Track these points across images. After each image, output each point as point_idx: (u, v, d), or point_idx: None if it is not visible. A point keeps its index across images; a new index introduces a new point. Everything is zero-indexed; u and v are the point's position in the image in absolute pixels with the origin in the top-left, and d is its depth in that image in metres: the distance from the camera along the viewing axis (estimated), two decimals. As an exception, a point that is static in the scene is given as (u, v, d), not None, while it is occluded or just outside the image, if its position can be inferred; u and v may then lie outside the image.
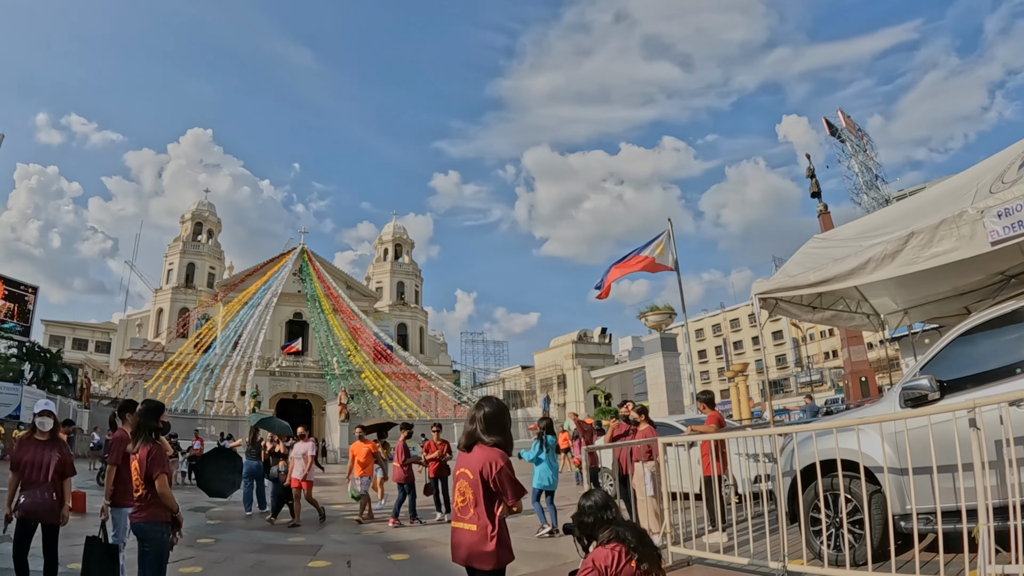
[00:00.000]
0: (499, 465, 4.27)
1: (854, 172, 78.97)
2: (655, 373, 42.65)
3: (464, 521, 4.32)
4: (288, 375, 65.45)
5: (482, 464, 4.28)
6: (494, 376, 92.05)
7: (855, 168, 79.14)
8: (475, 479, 4.29)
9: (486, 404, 4.63)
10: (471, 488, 4.31)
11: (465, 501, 4.33)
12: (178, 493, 6.62)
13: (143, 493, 6.01)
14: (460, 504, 4.37)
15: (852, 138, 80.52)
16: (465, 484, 4.36)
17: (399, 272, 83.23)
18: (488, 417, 4.52)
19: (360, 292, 76.94)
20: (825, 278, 7.71)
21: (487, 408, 4.58)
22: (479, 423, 4.50)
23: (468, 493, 4.32)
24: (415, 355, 72.59)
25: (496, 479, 4.22)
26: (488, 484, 4.25)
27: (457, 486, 4.43)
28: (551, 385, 67.11)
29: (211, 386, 57.31)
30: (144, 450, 6.07)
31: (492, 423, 4.50)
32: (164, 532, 6.01)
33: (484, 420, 4.50)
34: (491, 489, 4.26)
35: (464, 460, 4.48)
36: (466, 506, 4.32)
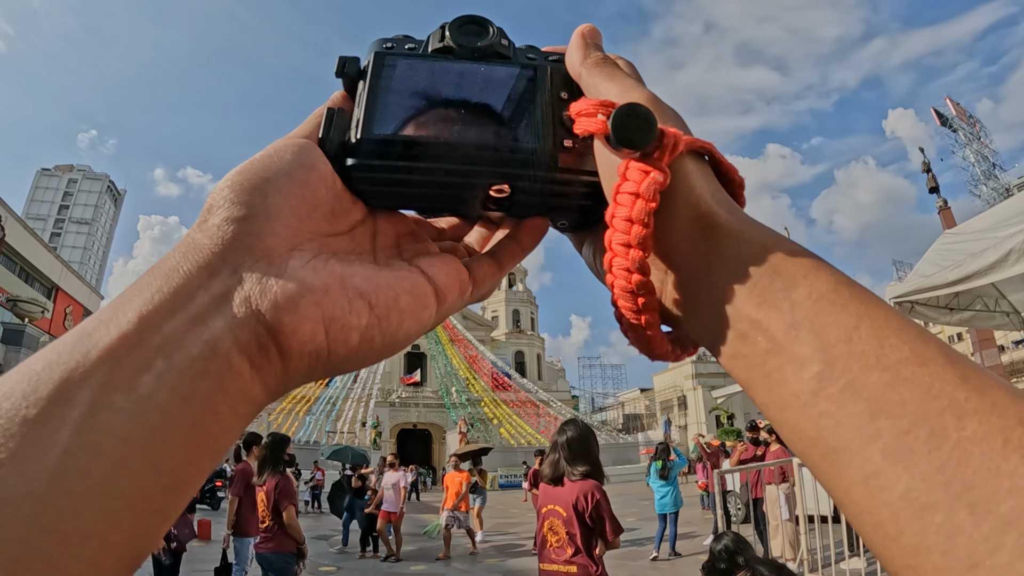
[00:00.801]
0: (595, 498, 3.89)
1: (969, 162, 74.60)
2: (779, 391, 41.37)
3: (560, 563, 3.95)
4: (408, 405, 66.19)
5: (576, 498, 3.89)
6: (613, 400, 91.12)
7: (970, 158, 74.73)
8: (569, 515, 3.89)
9: (569, 428, 4.22)
10: (565, 526, 3.92)
11: (560, 541, 3.95)
12: (302, 520, 6.59)
13: (270, 524, 6.11)
14: (554, 544, 3.99)
15: (964, 126, 75.94)
16: (557, 522, 3.97)
17: (514, 300, 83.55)
18: (572, 443, 4.10)
19: (476, 322, 77.48)
20: (965, 275, 7.14)
21: (570, 433, 4.16)
22: (563, 451, 4.10)
23: (562, 531, 3.94)
24: (533, 382, 72.34)
25: (593, 514, 3.85)
26: (585, 520, 3.86)
27: (547, 524, 4.04)
28: (671, 407, 65.88)
29: (332, 418, 58.40)
30: (271, 482, 6.17)
31: (577, 451, 4.09)
32: (290, 563, 6.11)
33: (568, 447, 4.09)
34: (588, 525, 3.88)
35: (552, 495, 4.08)
36: (561, 546, 3.94)
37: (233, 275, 0.39)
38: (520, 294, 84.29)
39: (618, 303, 0.49)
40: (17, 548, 0.26)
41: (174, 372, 0.35)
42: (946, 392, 0.31)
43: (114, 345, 0.34)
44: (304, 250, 0.44)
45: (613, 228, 0.47)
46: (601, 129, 0.48)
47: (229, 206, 0.42)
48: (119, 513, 0.31)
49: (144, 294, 0.36)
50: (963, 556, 0.27)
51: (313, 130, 0.51)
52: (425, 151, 0.51)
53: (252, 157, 0.46)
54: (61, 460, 0.30)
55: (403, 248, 0.53)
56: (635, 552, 12.90)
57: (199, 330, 0.37)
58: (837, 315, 0.37)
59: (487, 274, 0.55)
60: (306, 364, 0.42)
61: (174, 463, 0.33)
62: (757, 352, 0.40)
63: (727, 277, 0.43)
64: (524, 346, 80.00)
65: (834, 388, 0.35)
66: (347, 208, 0.50)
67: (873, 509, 0.32)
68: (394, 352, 0.47)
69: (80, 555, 0.28)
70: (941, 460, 0.29)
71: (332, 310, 0.42)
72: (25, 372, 0.31)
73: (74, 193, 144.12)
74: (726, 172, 0.51)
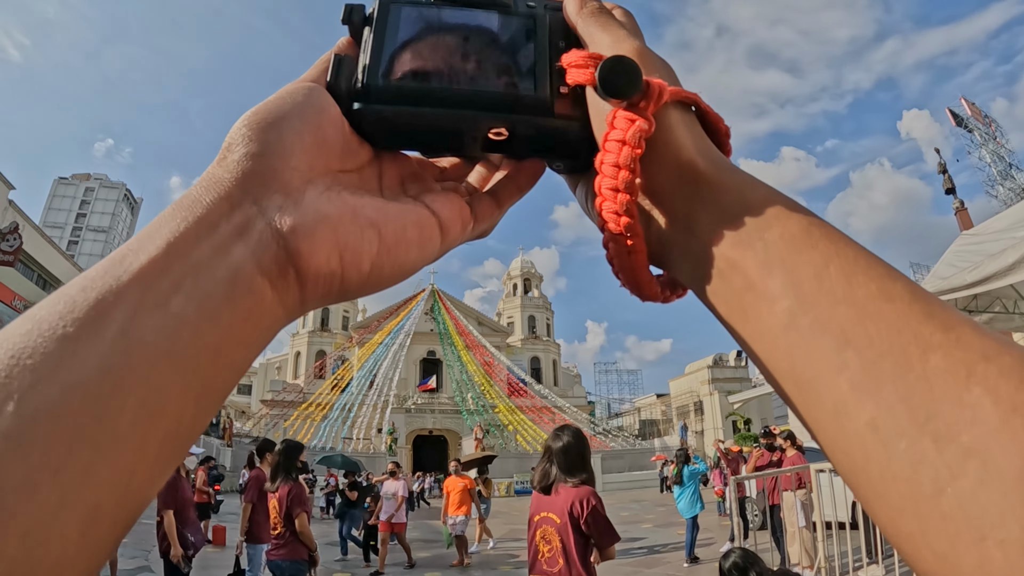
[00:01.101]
0: (591, 504, 3.74)
1: (986, 163, 72.74)
2: (796, 396, 41.05)
3: (553, 573, 3.78)
4: (423, 412, 66.24)
5: (570, 504, 3.74)
6: (629, 406, 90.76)
7: (986, 158, 73.10)
8: (563, 523, 3.74)
9: (564, 435, 4.06)
10: (558, 534, 3.77)
11: (552, 550, 3.79)
12: (315, 527, 6.56)
13: (282, 531, 6.09)
14: (546, 554, 3.84)
15: (980, 126, 74.52)
16: (551, 530, 3.82)
17: (529, 306, 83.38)
18: (569, 450, 3.96)
19: (492, 328, 77.49)
20: (984, 276, 7.02)
21: (566, 439, 4.00)
22: (557, 458, 3.95)
23: (555, 540, 3.79)
24: (549, 388, 72.23)
25: (590, 521, 3.70)
26: (580, 528, 3.71)
27: (539, 533, 3.90)
28: (688, 412, 65.44)
29: (349, 424, 58.54)
30: (284, 489, 6.17)
31: (574, 459, 3.95)
32: (302, 570, 6.07)
33: (565, 454, 3.94)
34: (583, 533, 3.72)
35: (544, 502, 3.94)
36: (554, 556, 3.78)
37: (253, 205, 0.42)
38: (536, 300, 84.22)
39: (608, 245, 0.52)
40: (58, 452, 0.28)
41: (201, 293, 0.37)
42: (911, 327, 0.32)
43: (145, 269, 0.37)
44: (318, 183, 0.47)
45: (602, 174, 0.49)
46: (590, 80, 0.50)
47: (247, 143, 0.44)
48: (152, 421, 0.33)
49: (170, 224, 0.39)
50: (927, 483, 0.28)
51: (320, 75, 0.53)
52: (427, 95, 0.53)
53: (266, 99, 0.49)
54: (97, 371, 0.32)
55: (408, 187, 0.56)
56: (651, 560, 12.81)
57: (224, 255, 0.39)
58: (808, 254, 0.39)
59: (487, 211, 0.58)
60: (322, 287, 0.45)
61: (202, 376, 0.35)
62: (734, 290, 0.43)
63: (706, 220, 0.46)
64: (540, 352, 79.85)
65: (804, 322, 0.36)
66: (355, 149, 0.53)
67: (842, 438, 0.33)
68: (401, 279, 0.51)
69: (115, 462, 0.30)
70: (905, 391, 0.30)
71: (346, 237, 0.45)
72: (62, 296, 0.34)
73: (91, 201, 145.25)
74: (712, 122, 0.54)
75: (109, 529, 0.30)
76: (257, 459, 8.13)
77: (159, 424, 0.33)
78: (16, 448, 0.28)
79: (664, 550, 13.09)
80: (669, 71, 0.54)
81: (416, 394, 66.92)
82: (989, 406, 0.28)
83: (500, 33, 0.57)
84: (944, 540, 0.28)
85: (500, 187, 0.61)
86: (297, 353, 74.22)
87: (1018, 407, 0.27)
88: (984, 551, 0.26)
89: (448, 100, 0.53)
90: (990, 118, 77.19)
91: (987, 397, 0.28)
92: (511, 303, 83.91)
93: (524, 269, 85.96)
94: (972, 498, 0.27)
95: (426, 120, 0.54)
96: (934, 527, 0.28)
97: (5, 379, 0.29)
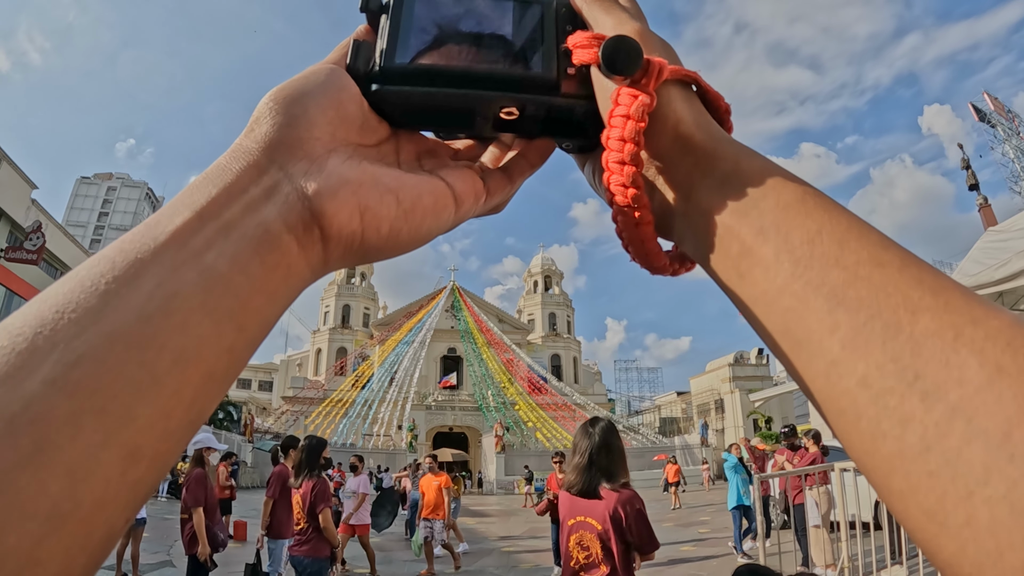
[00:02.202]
0: (636, 507, 3.50)
1: (1009, 158, 72.33)
2: (817, 394, 40.75)
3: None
4: (444, 409, 66.44)
5: (613, 508, 3.47)
6: (649, 404, 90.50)
7: (1010, 154, 72.53)
8: (606, 529, 3.46)
9: (599, 431, 3.75)
10: (598, 540, 3.49)
11: (590, 557, 3.52)
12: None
13: (305, 526, 6.11)
14: (582, 561, 3.58)
15: (1003, 121, 73.73)
16: (590, 536, 3.55)
17: (550, 303, 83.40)
18: (610, 449, 3.68)
19: (512, 325, 77.56)
20: (1013, 272, 6.93)
21: (602, 436, 3.71)
22: (597, 458, 3.65)
23: (595, 547, 3.50)
24: (569, 385, 72.23)
25: (634, 526, 3.46)
26: (623, 533, 3.46)
27: (574, 539, 3.63)
28: (708, 411, 65.13)
29: (369, 421, 58.90)
30: (308, 485, 6.20)
31: (616, 457, 3.69)
32: (324, 567, 6.07)
33: (607, 453, 3.65)
34: (625, 540, 3.46)
35: (580, 506, 3.65)
36: (593, 562, 3.50)
37: (280, 171, 0.45)
38: (556, 297, 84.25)
39: (617, 219, 0.55)
40: (102, 394, 0.30)
41: (233, 248, 0.40)
42: (900, 290, 0.33)
43: (179, 229, 0.39)
44: (340, 152, 0.49)
45: (608, 148, 0.52)
46: (594, 59, 0.53)
47: (273, 115, 0.48)
48: (189, 367, 0.35)
49: (202, 190, 0.42)
50: (915, 441, 0.29)
51: (341, 58, 0.56)
52: (441, 76, 0.55)
53: (291, 78, 0.52)
54: (137, 321, 0.34)
55: (424, 162, 0.59)
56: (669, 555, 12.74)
57: (253, 214, 0.42)
58: (802, 221, 0.42)
59: (499, 185, 0.60)
60: (343, 247, 0.48)
61: (235, 325, 0.38)
62: (731, 256, 0.46)
63: (705, 189, 0.49)
64: (560, 349, 79.81)
65: (797, 285, 0.38)
66: (374, 125, 0.55)
67: (834, 396, 0.35)
68: (418, 245, 0.53)
69: (154, 405, 0.32)
70: (895, 351, 0.31)
71: (366, 200, 0.48)
72: (102, 258, 0.36)
73: (113, 200, 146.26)
74: (713, 100, 0.57)
75: (147, 470, 0.31)
76: (282, 455, 8.22)
77: (195, 370, 0.34)
78: (60, 390, 0.30)
79: (684, 546, 13.01)
80: (670, 51, 0.57)
81: (436, 391, 67.11)
82: (975, 367, 0.29)
83: (510, 18, 0.59)
84: (932, 497, 0.28)
85: (512, 163, 0.63)
86: (318, 350, 74.61)
87: (1003, 368, 0.28)
88: (971, 508, 0.27)
89: (460, 80, 0.56)
90: (1013, 113, 76.19)
91: (973, 358, 0.29)
92: (531, 300, 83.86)
93: (545, 266, 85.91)
94: (958, 456, 0.27)
95: (440, 100, 0.56)
96: (922, 484, 0.29)
97: (51, 331, 0.32)
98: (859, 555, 7.82)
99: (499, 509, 25.52)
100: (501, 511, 28.21)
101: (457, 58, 0.57)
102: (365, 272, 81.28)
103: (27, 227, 40.49)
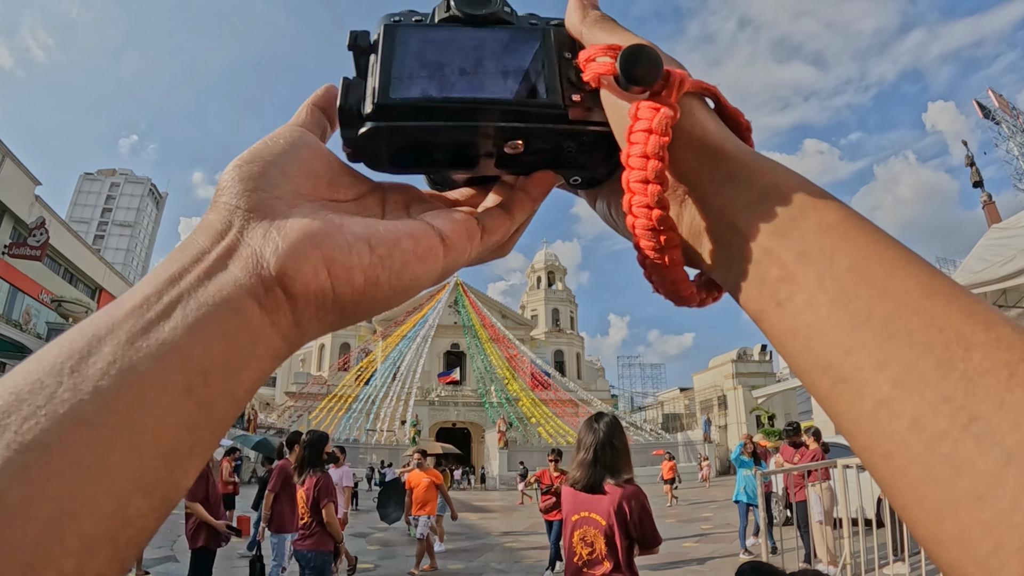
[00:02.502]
0: (640, 503, 3.49)
1: (1014, 155, 71.55)
2: (820, 390, 40.69)
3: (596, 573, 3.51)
4: (447, 404, 66.50)
5: (617, 504, 3.46)
6: (652, 400, 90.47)
7: (1014, 151, 71.70)
8: (610, 524, 3.46)
9: (603, 427, 3.73)
10: (602, 536, 3.48)
11: (594, 553, 3.50)
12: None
13: (308, 521, 6.12)
14: (586, 557, 3.57)
15: (1007, 118, 72.96)
16: (594, 531, 3.53)
17: (553, 299, 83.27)
18: (615, 444, 3.65)
19: (515, 321, 77.49)
20: (1017, 269, 6.90)
21: (609, 431, 3.69)
22: (602, 454, 3.62)
23: (599, 543, 3.49)
24: (573, 381, 72.14)
25: (638, 523, 3.46)
26: (627, 530, 3.45)
27: (577, 534, 3.63)
28: (711, 407, 65.13)
29: (372, 416, 58.91)
30: (311, 480, 6.22)
31: (621, 452, 3.66)
32: (328, 561, 6.10)
33: (611, 449, 3.62)
34: (630, 536, 3.46)
35: (584, 502, 3.64)
36: (596, 559, 3.50)
37: (238, 234, 0.43)
38: (560, 293, 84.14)
39: (640, 244, 0.50)
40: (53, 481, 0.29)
41: (190, 318, 0.38)
42: (952, 324, 0.31)
43: (137, 304, 0.38)
44: (304, 208, 0.46)
45: (629, 167, 0.48)
46: (610, 70, 0.50)
47: (233, 184, 0.45)
48: (145, 451, 0.33)
49: (164, 266, 0.40)
50: (968, 488, 0.28)
51: (304, 118, 0.54)
52: (439, 110, 0.53)
53: (252, 145, 0.49)
54: (90, 401, 0.32)
55: (411, 211, 0.55)
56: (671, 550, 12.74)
57: (210, 282, 0.40)
58: (846, 245, 0.39)
59: (497, 222, 0.56)
60: (315, 305, 0.44)
61: (193, 402, 0.36)
62: (769, 281, 0.42)
63: (739, 208, 0.45)
64: (564, 345, 79.69)
65: (844, 316, 0.36)
66: (348, 181, 0.53)
67: (882, 438, 0.32)
68: (406, 296, 0.49)
69: (109, 492, 0.30)
70: (948, 390, 0.29)
71: (332, 251, 0.44)
72: (66, 335, 0.36)
73: (116, 196, 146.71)
74: (732, 116, 0.53)
75: (106, 563, 0.30)
76: (287, 450, 8.26)
77: (151, 450, 0.33)
78: (12, 477, 0.29)
79: (686, 542, 13.02)
80: (683, 68, 0.53)
81: (439, 386, 67.09)
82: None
83: (507, 47, 0.57)
84: (985, 548, 0.27)
85: (511, 198, 0.59)
86: (321, 345, 74.57)
87: None
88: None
89: (460, 113, 0.53)
90: (1018, 110, 75.73)
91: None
92: (535, 296, 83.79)
93: (548, 262, 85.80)
94: (1014, 507, 0.26)
95: (439, 134, 0.53)
96: (974, 534, 0.27)
97: (2, 415, 0.31)
98: (861, 551, 7.81)
99: (502, 505, 25.56)
100: (504, 507, 28.24)
101: (454, 90, 0.54)
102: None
103: (31, 223, 40.57)
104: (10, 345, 37.58)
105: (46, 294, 44.64)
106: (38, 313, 43.51)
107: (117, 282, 58.03)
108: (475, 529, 19.66)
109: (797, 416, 58.76)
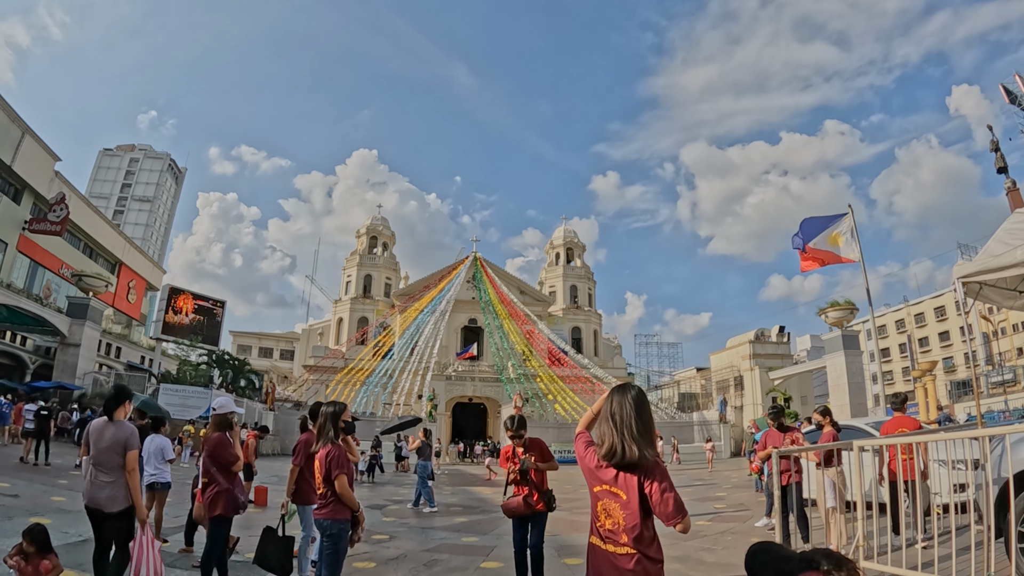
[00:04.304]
0: (664, 477, 3.39)
1: None
2: (837, 373, 40.53)
3: (616, 546, 3.43)
4: (464, 379, 66.89)
5: (640, 482, 3.39)
6: (668, 379, 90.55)
7: None
8: (630, 499, 3.39)
9: (631, 400, 3.59)
10: (623, 510, 3.42)
11: (615, 524, 3.44)
12: (356, 491, 6.62)
13: (324, 491, 6.18)
14: (608, 526, 3.49)
15: None
16: (614, 506, 3.46)
17: (571, 276, 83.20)
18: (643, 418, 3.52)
19: (533, 297, 77.63)
20: (1038, 253, 6.82)
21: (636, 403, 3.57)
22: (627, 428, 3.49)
23: (618, 516, 3.43)
24: (589, 358, 72.22)
25: (662, 501, 3.33)
26: (649, 508, 3.38)
27: (600, 505, 3.55)
28: (727, 387, 65.09)
29: (389, 390, 59.17)
30: (324, 451, 6.27)
31: (644, 424, 3.51)
32: (344, 529, 6.18)
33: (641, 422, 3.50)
34: (648, 510, 3.38)
35: (604, 473, 3.54)
36: (616, 531, 3.43)
37: None
38: (578, 269, 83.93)
39: None
40: None
41: None
42: None
43: None
44: None
45: None
46: None
47: None
48: None
49: None
50: None
51: None
52: None
53: None
54: None
55: None
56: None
57: None
58: None
59: None
60: None
61: None
62: None
63: None
64: (581, 322, 79.81)
65: None
66: None
67: None
68: None
69: None
70: None
71: None
72: None
73: (136, 172, 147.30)
74: None
75: None
76: (310, 423, 8.46)
77: None
78: None
79: (700, 520, 13.04)
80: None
81: (456, 361, 67.27)
82: None
83: None
84: None
85: None
86: (339, 320, 75.04)
87: None
88: None
89: None
90: (1045, 96, 74.60)
91: None
92: (553, 272, 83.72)
93: (567, 238, 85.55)
94: None
95: None
96: None
97: None
98: (874, 534, 7.80)
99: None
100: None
101: None
102: (387, 242, 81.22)
103: (51, 199, 41.04)
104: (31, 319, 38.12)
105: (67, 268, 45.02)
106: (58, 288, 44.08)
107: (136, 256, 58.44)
108: (488, 503, 19.79)
109: (813, 398, 58.78)
